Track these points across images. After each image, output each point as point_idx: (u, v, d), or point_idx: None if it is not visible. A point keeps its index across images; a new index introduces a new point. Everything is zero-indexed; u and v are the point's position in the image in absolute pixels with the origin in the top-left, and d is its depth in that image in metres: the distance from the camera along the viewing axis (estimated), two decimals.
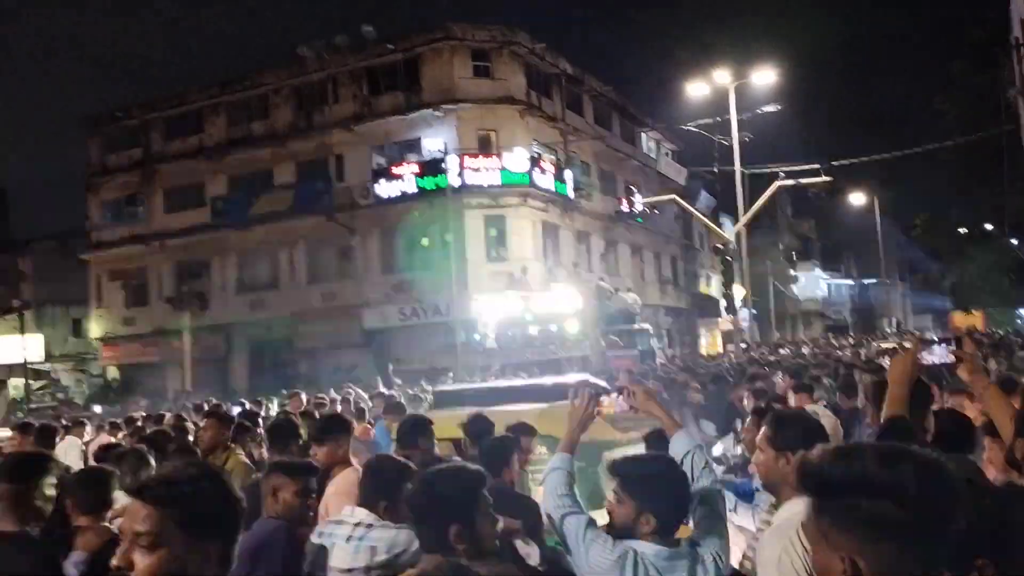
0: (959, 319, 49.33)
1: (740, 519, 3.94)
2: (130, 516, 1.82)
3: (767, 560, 2.52)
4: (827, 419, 4.89)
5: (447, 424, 5.28)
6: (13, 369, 34.51)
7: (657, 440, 4.56)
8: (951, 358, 3.45)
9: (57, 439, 9.17)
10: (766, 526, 3.22)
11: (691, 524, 3.01)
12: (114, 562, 1.79)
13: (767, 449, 2.91)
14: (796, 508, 2.55)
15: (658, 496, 2.85)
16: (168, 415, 11.89)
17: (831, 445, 1.50)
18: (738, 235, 27.66)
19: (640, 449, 4.65)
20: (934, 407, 4.21)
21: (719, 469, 5.24)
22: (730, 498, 4.70)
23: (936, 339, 3.79)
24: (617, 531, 2.89)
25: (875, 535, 1.34)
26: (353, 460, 4.64)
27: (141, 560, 1.76)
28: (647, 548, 2.80)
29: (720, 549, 2.94)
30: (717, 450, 7.06)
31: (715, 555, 2.90)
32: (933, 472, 1.35)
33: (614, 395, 7.79)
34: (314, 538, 3.49)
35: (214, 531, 1.83)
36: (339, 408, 10.89)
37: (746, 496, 5.01)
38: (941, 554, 1.35)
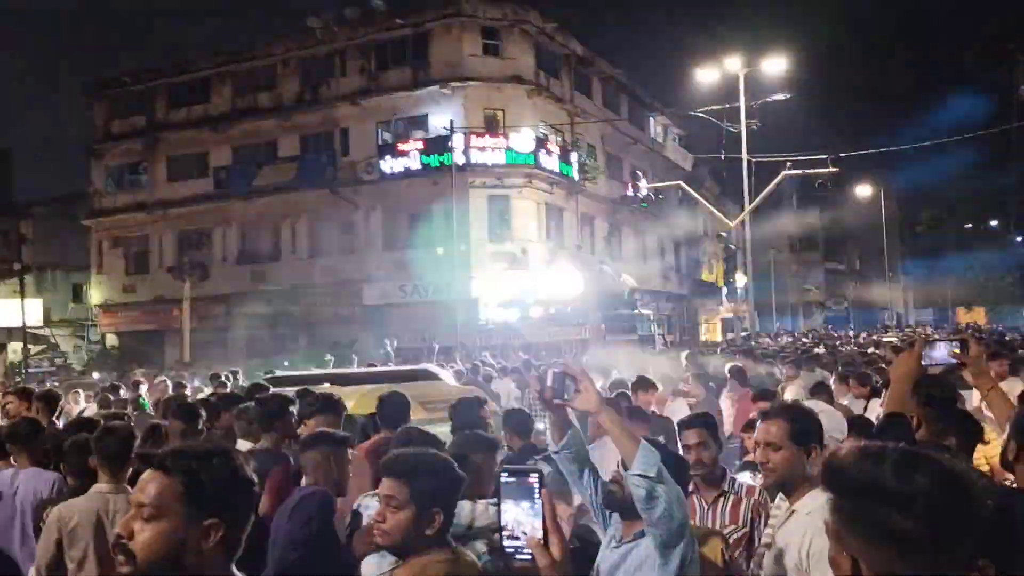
0: (962, 315, 49.47)
1: None
2: (139, 486, 1.85)
3: (802, 545, 2.58)
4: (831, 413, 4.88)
5: None
6: (12, 333, 34.52)
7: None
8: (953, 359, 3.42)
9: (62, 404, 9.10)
10: (779, 510, 3.17)
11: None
12: (116, 530, 1.81)
13: (788, 444, 2.79)
14: (824, 497, 2.55)
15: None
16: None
17: (860, 443, 1.45)
18: (742, 224, 27.55)
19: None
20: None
21: None
22: None
23: (941, 338, 3.71)
24: None
25: (879, 540, 1.33)
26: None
27: (140, 530, 1.77)
28: None
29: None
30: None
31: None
32: (951, 486, 1.33)
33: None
34: (352, 508, 3.79)
35: (218, 510, 1.82)
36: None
37: None
38: (947, 566, 1.32)
